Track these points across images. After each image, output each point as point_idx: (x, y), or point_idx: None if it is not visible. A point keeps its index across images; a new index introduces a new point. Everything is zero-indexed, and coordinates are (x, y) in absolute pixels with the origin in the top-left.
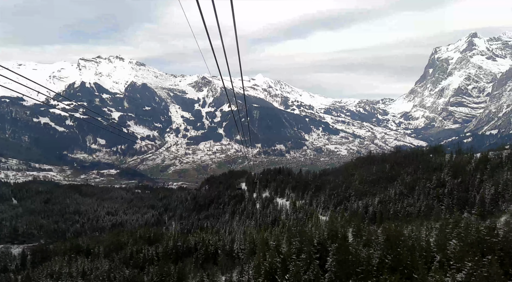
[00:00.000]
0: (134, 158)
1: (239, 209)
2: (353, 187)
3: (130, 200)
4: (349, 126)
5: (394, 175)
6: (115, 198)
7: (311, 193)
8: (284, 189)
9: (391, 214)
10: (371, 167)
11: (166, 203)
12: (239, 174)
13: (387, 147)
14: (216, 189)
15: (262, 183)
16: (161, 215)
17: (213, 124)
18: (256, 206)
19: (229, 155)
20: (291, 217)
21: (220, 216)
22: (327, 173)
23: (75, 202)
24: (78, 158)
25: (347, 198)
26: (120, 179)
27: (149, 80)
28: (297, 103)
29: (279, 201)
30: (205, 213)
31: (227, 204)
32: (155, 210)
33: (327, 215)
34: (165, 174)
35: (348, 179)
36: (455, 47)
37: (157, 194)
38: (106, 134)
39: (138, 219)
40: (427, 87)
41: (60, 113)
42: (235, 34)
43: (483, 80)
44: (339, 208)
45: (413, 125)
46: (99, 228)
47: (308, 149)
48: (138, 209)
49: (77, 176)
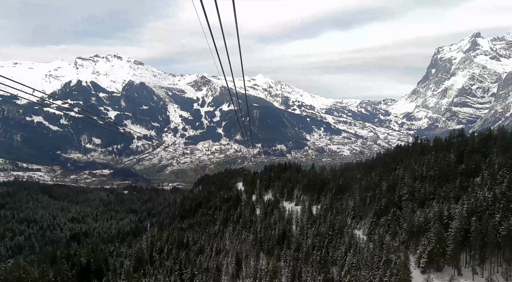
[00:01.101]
0: (130, 158)
1: (233, 215)
2: (401, 187)
3: (108, 203)
4: (351, 126)
5: (474, 167)
6: (92, 201)
7: (331, 195)
8: (292, 190)
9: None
10: (421, 158)
11: (150, 207)
12: (236, 172)
13: (390, 147)
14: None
15: (264, 182)
16: (142, 221)
17: (212, 123)
18: (256, 212)
19: (228, 155)
20: (308, 233)
21: (208, 225)
22: (350, 168)
23: (38, 206)
24: (72, 158)
25: (396, 204)
26: (113, 179)
27: (147, 79)
28: (298, 103)
29: (287, 205)
30: (190, 220)
31: (219, 209)
32: (135, 215)
33: (365, 228)
34: (162, 175)
35: (388, 175)
36: (458, 47)
37: (142, 196)
38: (101, 134)
39: (111, 226)
40: (430, 87)
41: (54, 112)
42: (237, 35)
43: (488, 80)
44: (385, 219)
45: (416, 125)
46: (53, 240)
47: (310, 149)
48: (115, 213)
49: (67, 177)
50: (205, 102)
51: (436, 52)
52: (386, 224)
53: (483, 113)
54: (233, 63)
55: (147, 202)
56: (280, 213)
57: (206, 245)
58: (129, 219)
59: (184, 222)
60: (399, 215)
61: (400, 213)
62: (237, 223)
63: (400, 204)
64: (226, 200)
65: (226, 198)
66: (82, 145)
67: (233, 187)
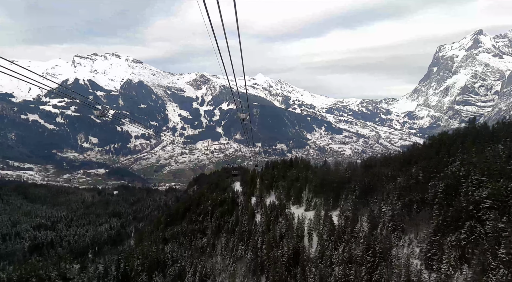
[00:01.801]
0: (127, 157)
1: (228, 223)
2: (470, 187)
3: (91, 204)
4: (352, 125)
5: None
6: (73, 202)
7: (355, 198)
8: (300, 192)
9: None
10: (481, 147)
11: (137, 209)
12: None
13: (392, 147)
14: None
15: (266, 182)
16: (126, 227)
17: (212, 123)
18: (256, 219)
19: (228, 154)
20: (332, 256)
21: (196, 236)
22: (373, 163)
23: (7, 208)
24: (67, 157)
25: (470, 213)
26: (108, 179)
27: (146, 78)
28: (298, 102)
29: (295, 211)
30: (176, 228)
31: (210, 215)
32: (119, 218)
33: (412, 248)
34: (160, 175)
35: (437, 171)
36: (460, 45)
37: (130, 198)
38: (98, 133)
39: (86, 234)
40: (432, 86)
41: (51, 110)
42: (238, 35)
43: (490, 78)
44: (456, 238)
45: (418, 124)
46: (5, 254)
47: (311, 148)
48: (95, 217)
49: (59, 176)
50: (204, 101)
51: (438, 50)
52: (459, 247)
53: (486, 111)
54: (235, 62)
55: (135, 204)
56: (287, 221)
57: (188, 265)
58: (110, 224)
59: (168, 230)
60: (482, 233)
61: (482, 229)
62: (232, 234)
63: (478, 214)
64: (219, 203)
65: (220, 201)
66: (79, 144)
67: (228, 187)
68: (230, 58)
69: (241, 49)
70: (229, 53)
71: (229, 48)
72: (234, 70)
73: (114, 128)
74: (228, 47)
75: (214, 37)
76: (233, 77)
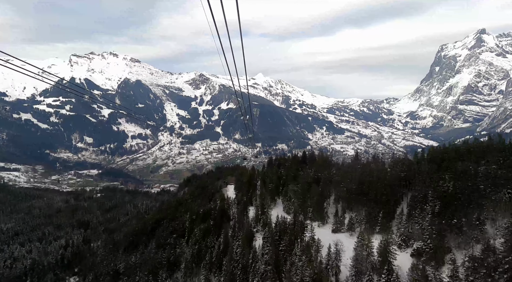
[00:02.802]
0: (123, 157)
1: (212, 249)
2: None
3: (56, 212)
4: (354, 125)
5: None
6: (36, 209)
7: (431, 216)
8: (323, 201)
9: None
10: None
11: (111, 217)
12: (230, 171)
13: (395, 147)
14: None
15: (269, 186)
16: (90, 241)
17: (211, 122)
18: (255, 244)
19: (227, 155)
20: None
21: (164, 267)
22: (419, 158)
23: None
24: (61, 157)
25: None
26: (100, 180)
27: (144, 77)
28: (299, 102)
29: (320, 232)
30: (134, 255)
31: (187, 236)
32: (84, 230)
33: None
34: (156, 176)
35: None
36: (463, 44)
37: (105, 204)
38: (93, 132)
39: (27, 255)
40: (434, 85)
41: (44, 109)
42: (240, 36)
43: (494, 77)
44: None
45: (421, 124)
46: None
47: (312, 149)
48: (53, 229)
49: (48, 177)
50: (203, 100)
51: (440, 50)
52: None
53: (490, 111)
54: (237, 62)
55: (111, 210)
56: (309, 253)
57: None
58: (67, 239)
59: (123, 259)
60: None
61: None
62: (217, 270)
63: None
64: (201, 217)
65: (202, 213)
66: (73, 144)
67: (218, 192)
68: (234, 58)
69: (243, 49)
70: (232, 53)
71: (232, 48)
72: (237, 70)
73: (110, 128)
74: (231, 47)
75: (218, 36)
76: (237, 77)
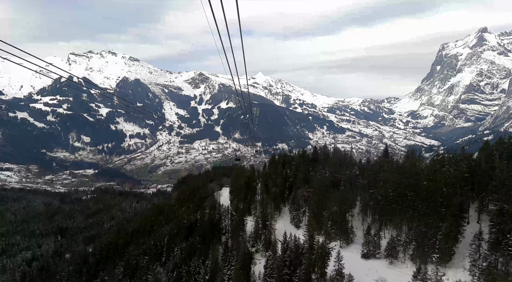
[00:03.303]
0: (121, 157)
1: (197, 276)
2: None
3: (35, 215)
4: (354, 125)
5: None
6: (11, 214)
7: None
8: (345, 213)
9: None
10: None
11: (93, 223)
12: (226, 171)
13: (397, 146)
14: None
15: (272, 191)
16: (62, 253)
17: (210, 121)
18: (253, 272)
19: (226, 154)
20: None
21: None
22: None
23: None
24: (58, 157)
25: None
26: (96, 180)
27: (143, 76)
28: (299, 101)
29: (344, 257)
30: (103, 275)
31: (165, 256)
32: (62, 237)
33: None
34: (154, 176)
35: None
36: (464, 43)
37: (88, 207)
38: (91, 132)
39: None
40: (435, 84)
41: (41, 108)
42: (240, 36)
43: (496, 76)
44: None
45: (422, 124)
46: None
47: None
48: (26, 236)
49: (41, 177)
50: (202, 99)
51: (441, 49)
52: None
53: (492, 110)
54: (238, 61)
55: (95, 215)
56: None
57: None
58: (36, 252)
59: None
60: None
61: None
62: None
63: None
64: (185, 231)
65: (186, 227)
66: (70, 144)
67: (209, 197)
68: (234, 58)
69: (243, 49)
70: (233, 53)
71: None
72: (238, 69)
73: (108, 127)
74: (231, 46)
75: (219, 35)
76: (237, 76)
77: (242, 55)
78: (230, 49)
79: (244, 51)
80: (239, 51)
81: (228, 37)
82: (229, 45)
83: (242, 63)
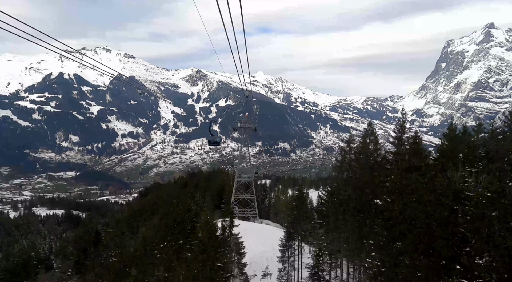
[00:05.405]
0: (111, 158)
1: None
2: None
3: None
4: (358, 123)
5: None
6: None
7: None
8: None
9: None
10: None
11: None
12: (222, 174)
13: None
14: None
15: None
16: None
17: (208, 120)
18: None
19: (224, 154)
20: None
21: None
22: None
23: None
24: (42, 157)
25: None
26: (76, 184)
27: (138, 73)
28: (301, 99)
29: None
30: None
31: None
32: None
33: None
34: (145, 177)
35: None
36: (470, 39)
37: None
38: (80, 131)
39: None
40: (441, 82)
41: (26, 106)
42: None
43: (506, 73)
44: None
45: (428, 122)
46: None
47: (317, 148)
48: None
49: (10, 180)
50: (200, 97)
51: (446, 45)
52: None
53: (502, 107)
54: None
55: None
56: None
57: None
58: None
59: None
60: None
61: None
62: None
63: None
64: None
65: None
66: (57, 143)
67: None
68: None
69: (246, 47)
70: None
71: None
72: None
73: (99, 126)
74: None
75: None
76: (242, 73)
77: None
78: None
79: (247, 50)
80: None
81: (233, 35)
82: (234, 44)
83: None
